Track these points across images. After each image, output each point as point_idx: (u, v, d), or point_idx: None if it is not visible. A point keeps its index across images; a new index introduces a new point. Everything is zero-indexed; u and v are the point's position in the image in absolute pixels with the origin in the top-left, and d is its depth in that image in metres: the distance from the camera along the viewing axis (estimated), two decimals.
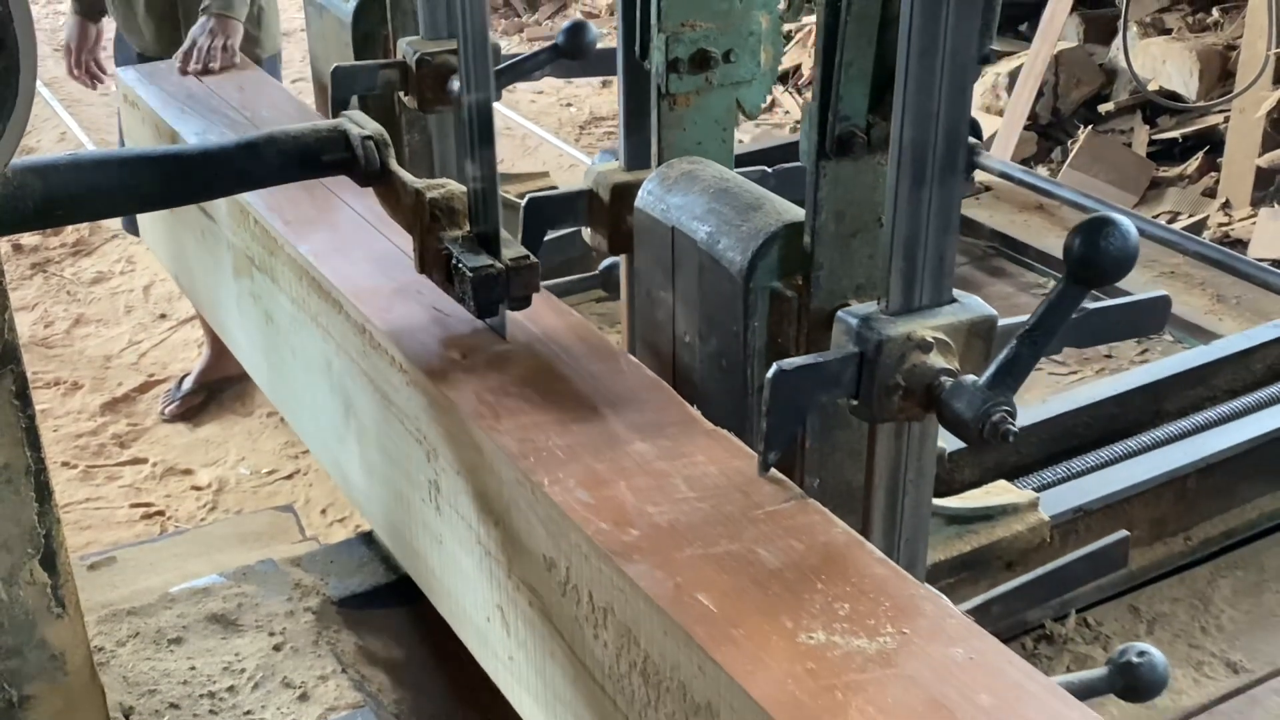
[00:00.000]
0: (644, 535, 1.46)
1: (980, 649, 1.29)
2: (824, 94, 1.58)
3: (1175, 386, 2.56)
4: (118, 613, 2.22)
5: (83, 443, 4.06)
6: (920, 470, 1.70)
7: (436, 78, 2.62)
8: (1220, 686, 2.11)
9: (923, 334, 1.55)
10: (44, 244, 5.32)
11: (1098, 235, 1.42)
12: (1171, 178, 5.35)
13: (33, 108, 1.48)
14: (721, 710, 1.29)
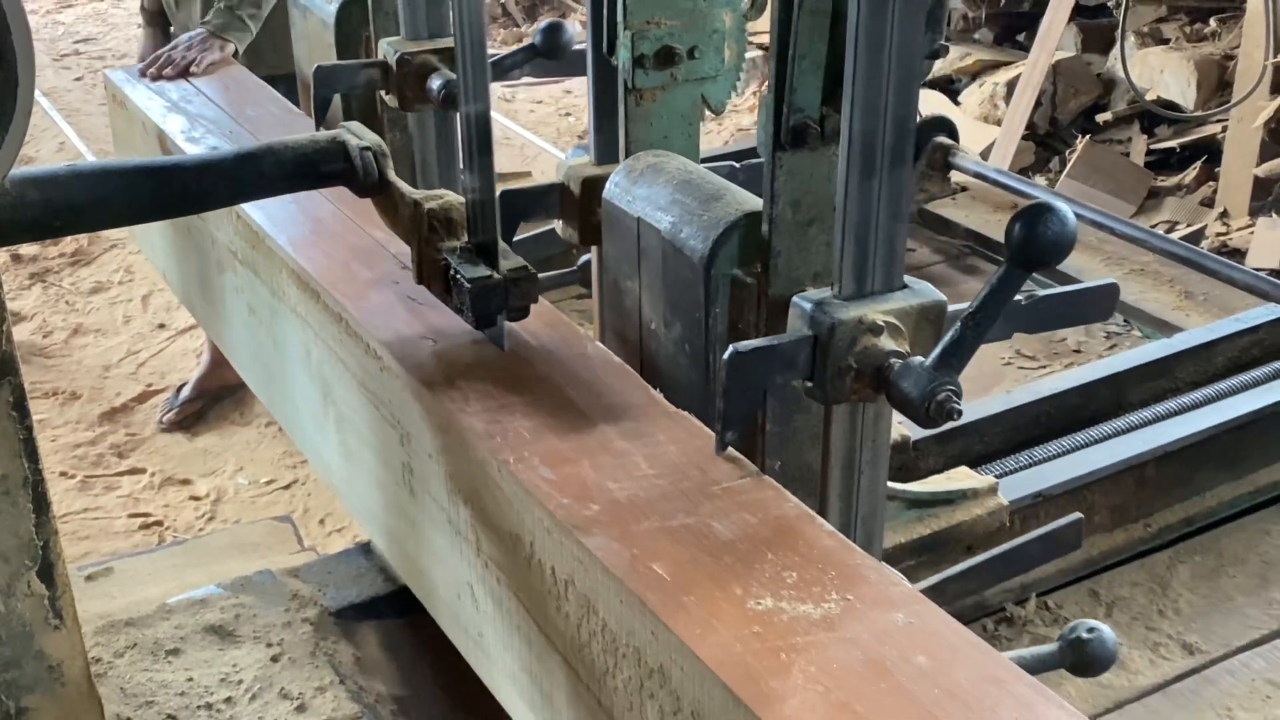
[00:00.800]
0: (604, 510, 1.52)
1: (920, 614, 1.35)
2: (778, 87, 1.64)
3: (1137, 378, 2.62)
4: (115, 623, 2.22)
5: (81, 453, 4.10)
6: (875, 451, 1.76)
7: (417, 77, 2.67)
8: (1175, 667, 2.17)
9: (874, 318, 1.61)
10: (43, 254, 5.36)
11: (1037, 221, 1.47)
12: (1169, 187, 5.38)
13: (31, 118, 1.48)
14: (673, 673, 1.34)
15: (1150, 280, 3.28)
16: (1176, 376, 2.66)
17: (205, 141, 2.67)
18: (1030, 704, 1.23)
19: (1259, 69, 4.86)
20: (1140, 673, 2.15)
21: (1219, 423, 2.45)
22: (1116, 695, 2.10)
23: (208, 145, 2.65)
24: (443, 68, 2.66)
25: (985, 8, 6.41)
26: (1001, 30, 6.48)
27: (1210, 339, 2.72)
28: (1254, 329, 2.76)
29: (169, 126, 2.80)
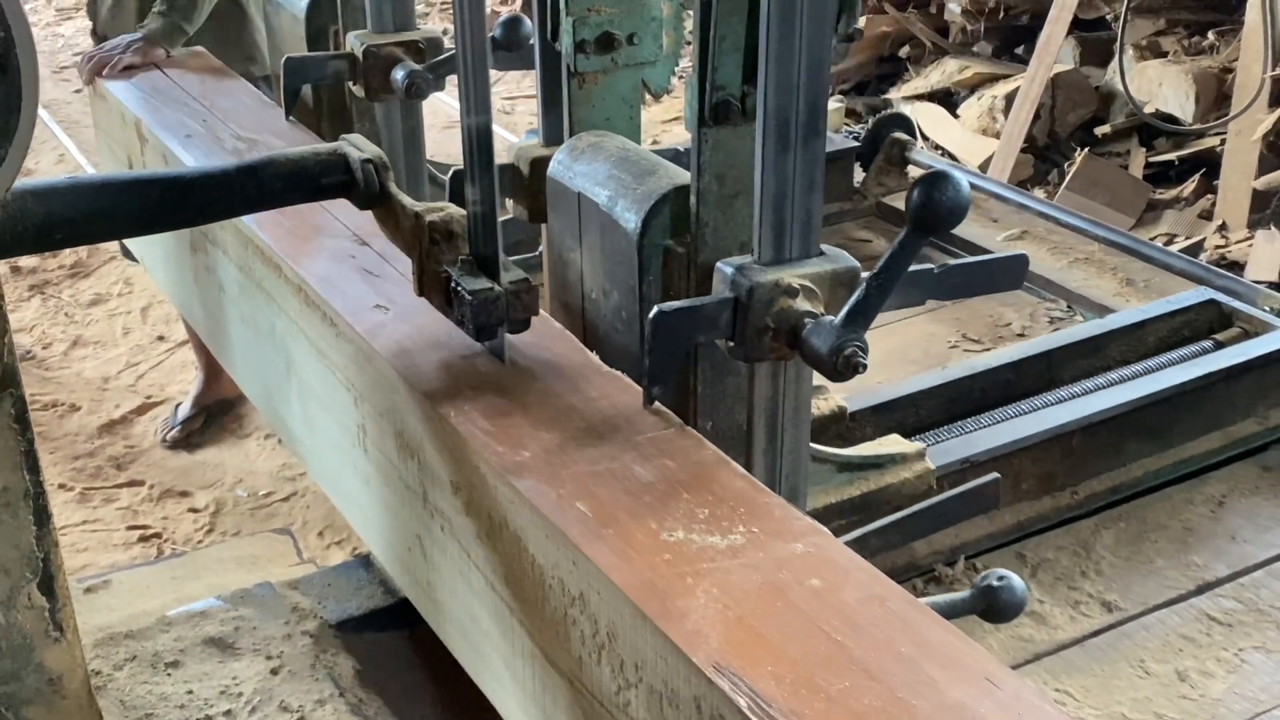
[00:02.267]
0: (534, 456, 1.63)
1: (818, 544, 1.47)
2: (702, 66, 1.77)
3: (1069, 355, 2.74)
4: (115, 636, 2.22)
5: (80, 464, 4.07)
6: (797, 410, 1.88)
7: (382, 68, 2.80)
8: (1094, 623, 2.28)
9: (789, 281, 1.73)
10: (42, 266, 5.34)
11: (933, 188, 1.59)
12: (1168, 200, 5.35)
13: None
14: (590, 598, 1.46)
15: (1094, 268, 3.40)
16: (1108, 354, 2.77)
17: (180, 128, 2.78)
18: (906, 617, 1.35)
19: (1257, 82, 4.82)
20: (1060, 628, 2.27)
21: (1144, 395, 2.56)
22: (1036, 648, 2.22)
23: (182, 132, 2.76)
24: (407, 59, 2.79)
25: (984, 21, 6.43)
26: (1000, 43, 6.49)
27: (1141, 319, 2.84)
28: (1185, 310, 2.88)
29: (146, 116, 2.91)
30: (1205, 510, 2.56)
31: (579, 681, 1.53)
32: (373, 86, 2.82)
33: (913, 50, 6.70)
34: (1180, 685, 2.14)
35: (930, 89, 6.35)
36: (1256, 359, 2.69)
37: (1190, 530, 2.50)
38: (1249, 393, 2.72)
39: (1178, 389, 2.60)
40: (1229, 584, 2.36)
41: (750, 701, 1.24)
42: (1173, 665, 2.18)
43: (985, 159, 5.66)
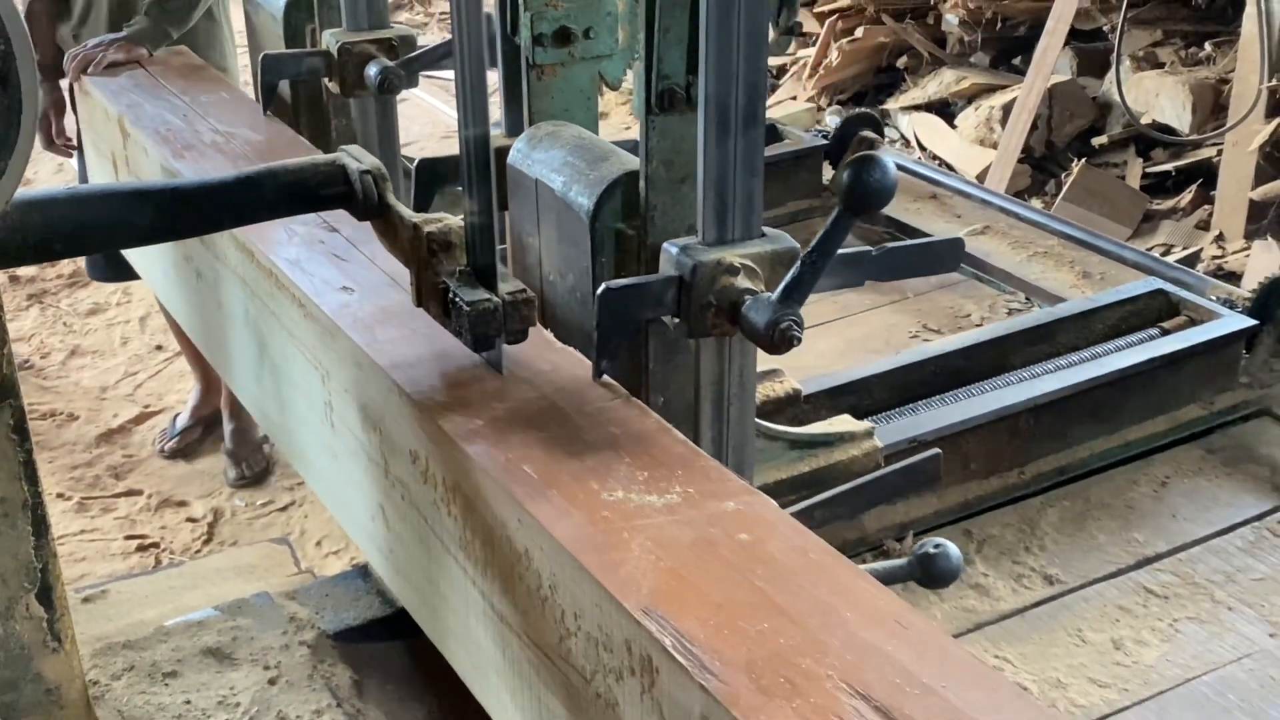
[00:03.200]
0: (486, 424, 1.72)
1: (748, 502, 1.56)
2: (648, 57, 1.86)
3: (1020, 342, 2.84)
4: (113, 646, 2.22)
5: (78, 474, 4.09)
6: (742, 384, 1.97)
7: (357, 65, 2.89)
8: (1035, 595, 2.38)
9: (731, 260, 1.82)
10: (40, 275, 5.36)
11: (861, 170, 1.69)
12: (1165, 210, 5.37)
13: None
14: (535, 553, 1.55)
15: (1053, 261, 3.50)
16: (1058, 341, 2.87)
17: (160, 123, 2.87)
18: (826, 566, 1.45)
19: (1254, 93, 4.84)
20: (1002, 599, 2.36)
21: (1088, 379, 2.66)
22: (978, 618, 2.32)
23: (162, 125, 2.85)
24: (380, 56, 2.89)
25: (981, 31, 6.44)
26: (997, 54, 6.50)
27: (1090, 308, 2.94)
28: (1133, 299, 2.98)
29: (129, 112, 3.00)
30: (1148, 490, 2.65)
31: (525, 634, 1.62)
32: (347, 83, 2.91)
33: (910, 60, 6.72)
34: (1115, 653, 2.23)
35: (927, 99, 6.37)
36: (1200, 345, 2.79)
37: (1133, 509, 2.60)
38: (1193, 378, 2.82)
39: (1122, 373, 2.69)
40: (1167, 559, 2.46)
41: (675, 641, 1.33)
42: (1109, 634, 2.27)
43: (982, 169, 5.67)
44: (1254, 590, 2.37)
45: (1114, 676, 2.18)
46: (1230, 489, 2.66)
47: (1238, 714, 2.10)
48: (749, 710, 1.24)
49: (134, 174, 3.00)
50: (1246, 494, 2.64)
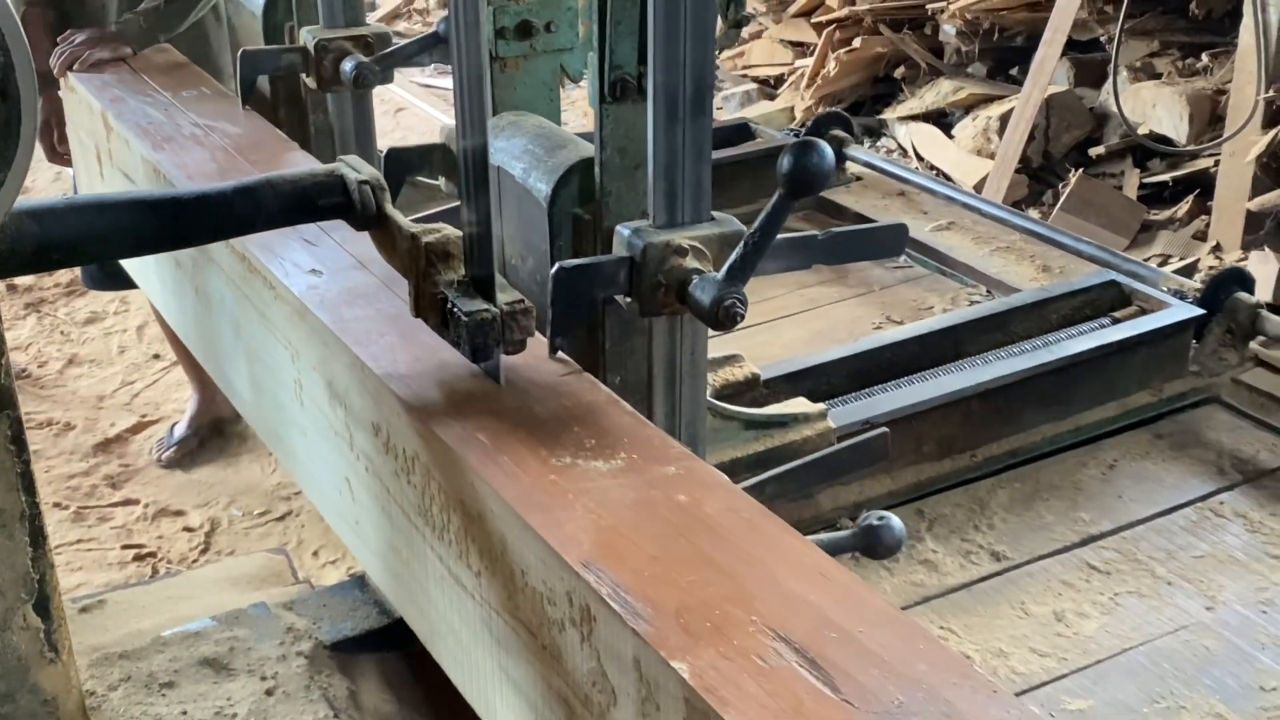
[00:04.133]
0: (444, 397, 1.81)
1: (689, 467, 1.65)
2: (601, 48, 1.95)
3: (975, 330, 2.93)
4: (109, 656, 2.22)
5: (74, 483, 4.09)
6: (694, 362, 2.06)
7: (333, 61, 2.98)
8: (982, 570, 2.46)
9: (680, 242, 1.91)
10: (38, 284, 5.33)
11: (800, 155, 1.77)
12: (1162, 221, 5.39)
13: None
14: (486, 515, 1.64)
15: (1014, 255, 3.59)
16: (1012, 330, 2.96)
17: (142, 116, 2.96)
18: (758, 525, 1.53)
19: (1250, 104, 4.87)
20: (950, 574, 2.45)
21: (1037, 364, 2.75)
22: (926, 592, 2.40)
23: (143, 119, 2.94)
24: (355, 52, 2.97)
25: (979, 42, 6.46)
26: (995, 64, 6.52)
27: (1044, 298, 3.03)
28: (1086, 290, 3.08)
29: (112, 106, 3.09)
30: (1096, 473, 2.74)
31: (479, 595, 1.70)
32: (324, 78, 2.99)
33: (908, 71, 6.74)
34: (1056, 624, 2.32)
35: (925, 109, 6.40)
36: (1148, 333, 2.88)
37: (1080, 490, 2.68)
38: (1143, 366, 2.91)
39: (1073, 360, 2.78)
40: (1111, 537, 2.55)
41: (612, 591, 1.42)
42: (1051, 607, 2.36)
43: (980, 179, 5.68)
44: (1194, 567, 2.46)
45: (1054, 646, 2.26)
46: (1176, 472, 2.75)
47: (1172, 682, 2.18)
48: (676, 651, 1.32)
49: (117, 166, 3.09)
50: (1192, 477, 2.73)
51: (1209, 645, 2.27)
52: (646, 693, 1.36)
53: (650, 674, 1.35)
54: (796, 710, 1.26)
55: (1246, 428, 2.89)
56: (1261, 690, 2.17)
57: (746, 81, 7.36)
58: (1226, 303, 3.00)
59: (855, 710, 1.25)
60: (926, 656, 1.33)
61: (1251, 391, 2.97)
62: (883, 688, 1.28)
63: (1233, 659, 2.23)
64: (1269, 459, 2.78)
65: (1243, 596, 2.38)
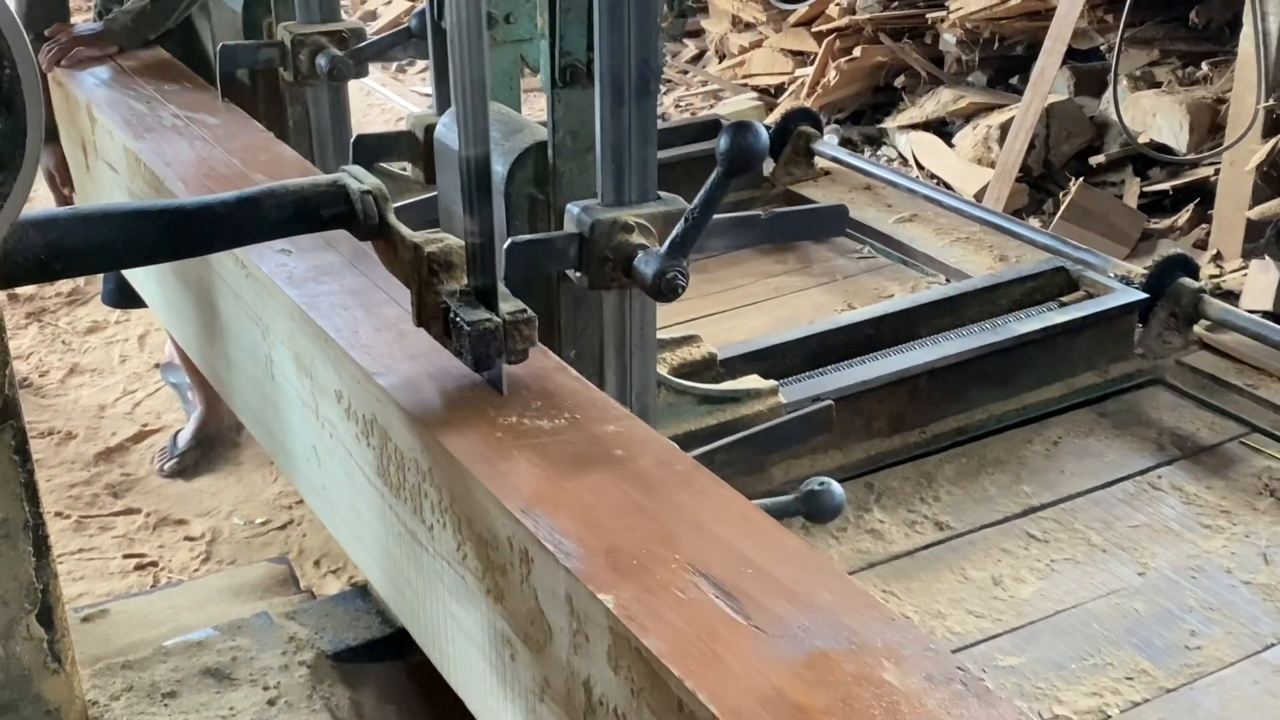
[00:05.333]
0: (401, 365, 1.92)
1: (628, 426, 1.76)
2: (551, 36, 2.06)
3: (927, 314, 3.04)
4: (112, 666, 2.23)
5: (76, 493, 4.08)
6: (643, 335, 2.17)
7: (309, 55, 3.10)
8: (926, 539, 2.57)
9: (626, 219, 2.02)
10: (39, 293, 5.31)
11: (736, 135, 1.89)
12: (1163, 229, 5.36)
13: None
14: (436, 471, 1.74)
15: (973, 246, 3.70)
16: (963, 314, 3.07)
17: (124, 109, 3.07)
18: (689, 476, 1.64)
19: (1251, 113, 4.84)
20: (895, 543, 2.55)
21: (984, 344, 2.86)
22: (871, 559, 2.51)
23: (126, 111, 3.05)
24: (331, 47, 3.09)
25: (979, 51, 6.45)
26: (995, 73, 6.50)
27: (995, 283, 3.14)
28: (1035, 276, 3.19)
29: (96, 99, 3.20)
30: (1041, 449, 2.85)
31: (431, 548, 1.81)
32: (300, 72, 3.11)
33: (908, 80, 6.74)
34: (994, 588, 2.43)
35: (925, 118, 6.37)
36: (1093, 316, 2.99)
37: (1024, 465, 2.79)
38: (1089, 347, 3.02)
39: (1018, 340, 2.89)
40: (1052, 508, 2.65)
41: (547, 534, 1.52)
42: (989, 572, 2.47)
43: (980, 188, 5.64)
44: (1129, 536, 2.57)
45: (990, 609, 2.37)
46: (1118, 449, 2.86)
47: (1100, 641, 2.29)
48: (603, 586, 1.43)
49: (102, 158, 3.19)
50: (1133, 453, 2.84)
51: (1138, 608, 2.38)
52: (577, 625, 1.47)
53: (580, 607, 1.46)
54: (711, 635, 1.37)
55: (1188, 407, 3.00)
56: (1186, 649, 2.28)
57: (747, 90, 7.40)
58: (1170, 288, 3.11)
59: (763, 635, 1.36)
60: (832, 589, 1.44)
61: (1195, 373, 3.08)
62: (790, 615, 1.39)
63: (1160, 620, 2.34)
64: (1208, 436, 2.89)
65: (1174, 563, 2.49)
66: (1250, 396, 2.98)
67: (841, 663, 1.32)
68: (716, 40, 8.06)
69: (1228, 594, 2.41)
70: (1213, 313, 3.11)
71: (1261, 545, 2.54)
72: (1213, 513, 2.64)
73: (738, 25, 7.85)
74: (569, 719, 1.53)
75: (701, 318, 3.43)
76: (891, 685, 1.29)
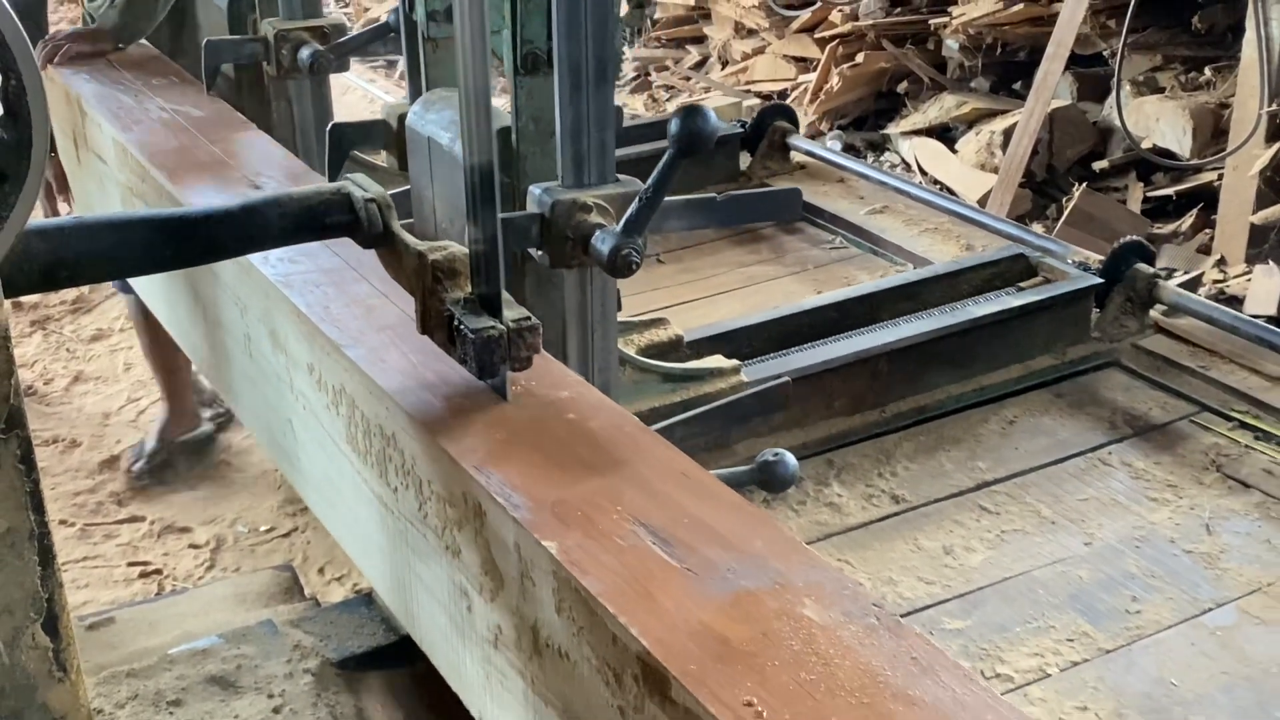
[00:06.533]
0: (367, 337, 2.01)
1: (580, 392, 1.86)
2: (513, 24, 2.16)
3: (889, 298, 3.14)
4: (117, 674, 2.24)
5: (80, 500, 4.12)
6: (604, 312, 2.28)
7: (291, 50, 3.20)
8: (882, 511, 2.67)
9: (585, 200, 2.13)
10: (44, 301, 5.35)
11: (688, 118, 1.99)
12: (1166, 234, 5.38)
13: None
14: (400, 437, 1.84)
15: (941, 236, 3.80)
16: (924, 299, 3.17)
17: (113, 103, 3.17)
18: (636, 438, 1.74)
19: (1254, 117, 4.88)
20: (852, 515, 2.65)
21: (942, 326, 2.96)
22: (828, 530, 2.61)
23: (115, 104, 3.15)
24: (313, 42, 3.19)
25: (981, 57, 6.48)
26: (998, 79, 6.54)
27: (956, 269, 3.24)
28: (995, 262, 3.29)
29: (86, 93, 3.30)
30: (997, 427, 2.95)
31: (396, 509, 1.91)
32: (283, 66, 3.21)
33: (911, 86, 6.78)
34: (945, 557, 2.53)
35: (928, 124, 6.42)
36: (1048, 300, 3.09)
37: (980, 443, 2.90)
38: (1046, 330, 3.12)
39: (974, 322, 3.00)
40: (1004, 483, 2.76)
41: (498, 488, 1.62)
42: (941, 542, 2.57)
43: (984, 194, 5.68)
44: (1078, 509, 2.67)
45: (939, 575, 2.47)
46: (1071, 427, 2.96)
47: (1043, 606, 2.39)
48: (547, 534, 1.53)
49: (91, 149, 3.30)
50: (1086, 431, 2.94)
51: (1082, 575, 2.48)
52: (524, 570, 1.57)
53: (527, 554, 1.56)
54: (646, 577, 1.47)
55: (1142, 388, 3.10)
56: (1126, 613, 2.38)
57: (750, 96, 7.42)
58: (1127, 273, 3.21)
59: (694, 576, 1.46)
60: (763, 536, 1.54)
61: (1150, 356, 3.19)
62: (721, 559, 1.49)
63: (1103, 587, 2.44)
64: (1159, 415, 2.99)
65: (1120, 534, 2.59)
66: (1202, 377, 3.08)
67: (765, 600, 1.42)
68: (719, 47, 8.08)
69: (1170, 562, 2.51)
70: (1167, 297, 3.21)
71: (1205, 517, 2.64)
72: (1160, 486, 2.74)
73: (740, 32, 7.86)
74: (519, 662, 1.63)
75: (676, 305, 3.53)
76: (810, 619, 1.39)
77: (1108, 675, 2.23)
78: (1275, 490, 2.70)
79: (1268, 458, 2.81)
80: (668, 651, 1.35)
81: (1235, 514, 2.64)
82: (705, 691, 1.30)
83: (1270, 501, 2.67)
